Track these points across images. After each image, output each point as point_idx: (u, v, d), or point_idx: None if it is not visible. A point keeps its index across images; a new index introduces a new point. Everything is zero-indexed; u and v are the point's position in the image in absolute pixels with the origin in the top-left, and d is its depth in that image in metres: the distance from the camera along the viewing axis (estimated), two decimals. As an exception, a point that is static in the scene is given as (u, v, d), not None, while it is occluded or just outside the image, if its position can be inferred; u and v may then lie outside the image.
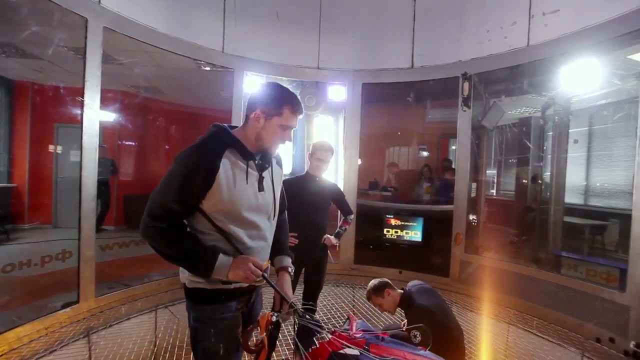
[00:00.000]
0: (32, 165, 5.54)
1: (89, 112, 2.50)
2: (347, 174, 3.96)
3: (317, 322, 1.18)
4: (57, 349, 2.07)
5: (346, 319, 1.44)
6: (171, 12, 3.08)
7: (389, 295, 2.16)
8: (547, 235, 3.86)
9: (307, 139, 5.37)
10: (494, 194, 6.10)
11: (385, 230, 4.14)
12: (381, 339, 1.17)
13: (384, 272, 3.71)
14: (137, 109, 6.16)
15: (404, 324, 2.28)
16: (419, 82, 3.94)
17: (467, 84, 3.40)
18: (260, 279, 1.11)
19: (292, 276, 1.32)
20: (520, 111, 4.76)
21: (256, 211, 1.17)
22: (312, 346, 1.18)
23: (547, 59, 2.95)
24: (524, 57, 3.05)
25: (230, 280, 1.10)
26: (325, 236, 2.36)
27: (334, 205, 2.55)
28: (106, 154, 5.61)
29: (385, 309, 2.20)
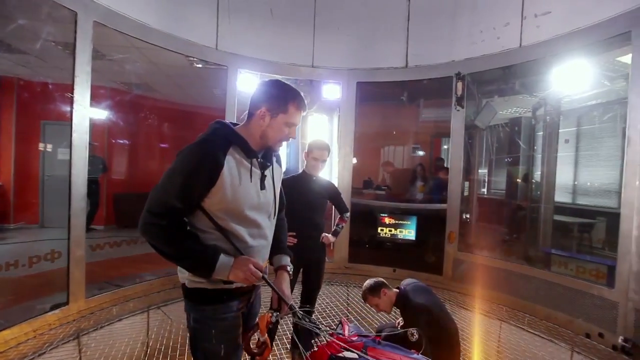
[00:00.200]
0: (18, 163, 5.39)
1: (79, 108, 2.44)
2: (342, 173, 3.96)
3: (316, 325, 1.17)
4: (46, 352, 2.02)
5: (338, 322, 1.43)
6: (163, 7, 3.03)
7: (385, 295, 2.16)
8: (537, 233, 3.93)
9: (302, 138, 5.36)
10: (485, 193, 6.19)
11: (379, 229, 4.16)
12: (378, 342, 1.17)
13: (378, 270, 3.72)
14: (128, 107, 6.04)
15: (399, 322, 2.29)
16: (413, 82, 3.96)
17: (460, 84, 3.43)
18: (260, 281, 1.10)
19: (291, 275, 1.31)
20: (511, 111, 4.83)
21: (258, 210, 1.16)
22: (311, 348, 1.18)
23: (538, 60, 3.00)
24: (517, 57, 3.09)
25: (230, 280, 1.09)
26: (323, 234, 2.37)
27: (330, 203, 2.55)
28: (96, 153, 5.49)
29: (381, 309, 2.20)
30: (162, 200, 1.04)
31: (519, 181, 4.49)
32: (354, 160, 4.00)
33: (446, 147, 6.10)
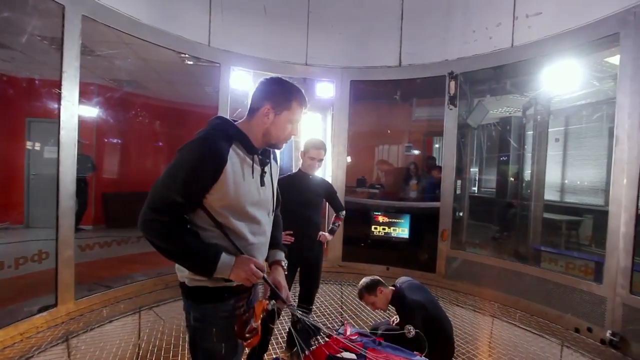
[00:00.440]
0: (2, 161, 5.23)
1: (67, 105, 2.37)
2: (335, 172, 3.96)
3: (315, 325, 1.17)
4: (33, 356, 1.97)
5: (341, 324, 1.43)
6: (154, 2, 2.97)
7: (381, 293, 2.18)
8: (527, 230, 4.00)
9: (295, 136, 5.32)
10: (476, 192, 6.27)
11: (373, 227, 4.17)
12: (378, 343, 1.16)
13: (371, 269, 3.74)
14: (118, 104, 5.91)
15: (394, 320, 2.30)
16: (406, 81, 3.98)
17: (453, 83, 3.46)
18: (260, 280, 1.10)
19: (286, 270, 1.31)
20: (502, 110, 4.90)
21: (258, 206, 1.15)
22: (310, 347, 1.17)
23: (530, 60, 3.05)
24: (508, 57, 3.13)
25: (231, 279, 1.08)
26: (320, 233, 2.37)
27: (326, 201, 2.55)
28: (84, 151, 5.36)
29: (377, 307, 2.21)
30: (164, 196, 1.02)
31: (510, 179, 4.56)
32: (348, 159, 4.00)
33: (437, 146, 6.16)
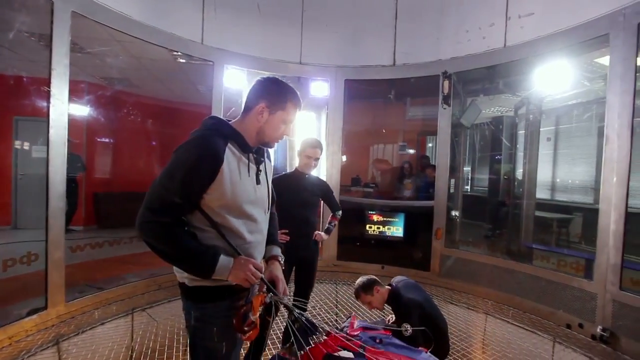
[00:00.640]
0: (-12, 161, 5.10)
1: (56, 103, 2.32)
2: (330, 171, 3.95)
3: (313, 323, 1.17)
4: (23, 360, 1.93)
5: (348, 317, 1.43)
6: (146, -1, 2.92)
7: (378, 292, 2.18)
8: (519, 228, 4.05)
9: (290, 136, 5.30)
10: (469, 190, 6.33)
11: (367, 226, 4.18)
12: (379, 342, 1.16)
13: (366, 268, 3.75)
14: (108, 102, 5.81)
15: (389, 319, 2.31)
16: (400, 80, 3.99)
17: (447, 83, 3.48)
18: (259, 281, 1.10)
19: (283, 265, 1.32)
20: (494, 110, 4.95)
21: (254, 204, 1.16)
22: (308, 345, 1.16)
23: (522, 60, 3.08)
24: (501, 57, 3.17)
25: (230, 281, 1.08)
26: (316, 232, 2.37)
27: (322, 201, 2.55)
28: (74, 150, 5.25)
29: (374, 306, 2.22)
30: (163, 196, 1.02)
31: (503, 177, 4.61)
32: (344, 158, 4.00)
33: (430, 145, 6.20)
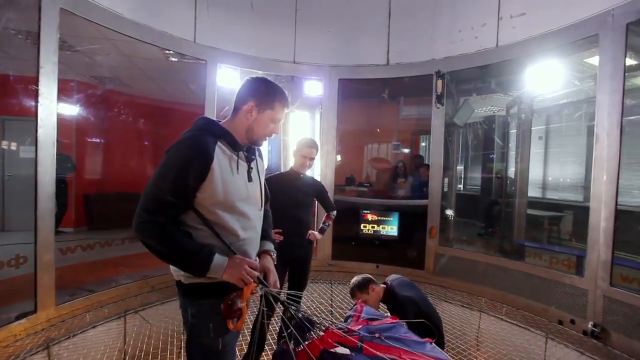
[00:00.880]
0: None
1: (45, 102, 2.27)
2: (324, 170, 3.95)
3: (309, 319, 1.17)
4: (12, 365, 1.88)
5: (354, 304, 1.44)
6: (137, -4, 2.88)
7: (373, 291, 2.19)
8: (512, 226, 4.10)
9: (283, 135, 5.30)
10: (462, 189, 6.39)
11: (362, 225, 4.19)
12: (378, 336, 1.16)
13: (361, 267, 3.76)
14: (99, 102, 5.71)
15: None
16: (394, 79, 4.00)
17: (440, 82, 3.50)
18: (255, 281, 1.11)
19: (275, 260, 1.34)
20: (486, 109, 5.01)
21: (247, 202, 1.19)
22: (305, 340, 1.16)
23: (514, 60, 3.12)
24: (493, 57, 3.20)
25: (224, 280, 1.09)
26: (310, 232, 2.37)
27: (317, 201, 2.55)
28: (63, 150, 5.15)
29: (369, 305, 2.22)
30: (157, 197, 1.04)
31: (496, 176, 4.66)
32: (339, 157, 4.00)
33: (424, 144, 6.24)
